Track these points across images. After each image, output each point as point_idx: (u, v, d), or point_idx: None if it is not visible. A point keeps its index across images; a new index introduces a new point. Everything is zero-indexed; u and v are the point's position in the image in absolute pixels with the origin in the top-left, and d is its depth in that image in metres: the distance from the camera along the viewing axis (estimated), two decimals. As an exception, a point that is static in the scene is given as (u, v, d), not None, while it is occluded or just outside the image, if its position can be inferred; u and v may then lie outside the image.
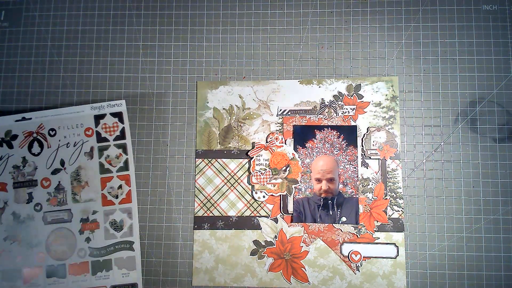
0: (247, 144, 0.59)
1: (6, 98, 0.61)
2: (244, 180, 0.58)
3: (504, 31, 0.59)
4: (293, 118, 0.59)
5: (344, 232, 0.56)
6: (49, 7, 0.63)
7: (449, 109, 0.58)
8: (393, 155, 0.57)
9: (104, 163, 0.58)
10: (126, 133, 0.59)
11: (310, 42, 0.60)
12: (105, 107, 0.59)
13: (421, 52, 0.59)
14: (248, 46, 0.61)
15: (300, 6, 0.61)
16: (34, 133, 0.58)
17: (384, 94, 0.58)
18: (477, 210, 0.56)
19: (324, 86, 0.59)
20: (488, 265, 0.55)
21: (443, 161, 0.57)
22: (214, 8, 0.62)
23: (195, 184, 0.59)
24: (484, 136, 0.57)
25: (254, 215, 0.58)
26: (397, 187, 0.57)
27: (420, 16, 0.60)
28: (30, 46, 0.62)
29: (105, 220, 0.57)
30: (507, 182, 0.56)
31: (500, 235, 0.55)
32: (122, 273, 0.56)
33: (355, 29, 0.60)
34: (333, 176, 0.57)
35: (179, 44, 0.62)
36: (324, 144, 0.58)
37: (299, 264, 0.56)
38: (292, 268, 0.56)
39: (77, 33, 0.62)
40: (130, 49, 0.62)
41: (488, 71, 0.58)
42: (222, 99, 0.60)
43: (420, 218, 0.56)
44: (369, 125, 0.58)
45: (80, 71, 0.62)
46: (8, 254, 0.56)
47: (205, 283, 0.57)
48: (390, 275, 0.55)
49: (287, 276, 0.56)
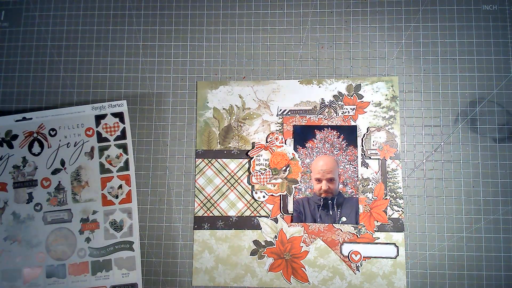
0: (247, 144, 0.59)
1: (6, 98, 0.61)
2: (244, 180, 0.58)
3: (504, 31, 0.59)
4: (293, 118, 0.59)
5: (344, 232, 0.56)
6: (49, 7, 0.63)
7: (449, 109, 0.58)
8: (393, 155, 0.57)
9: (105, 163, 0.58)
10: (127, 133, 0.59)
11: (310, 42, 0.60)
12: (106, 107, 0.59)
13: (421, 52, 0.59)
14: (248, 46, 0.61)
15: (300, 6, 0.61)
16: (34, 133, 0.58)
17: (384, 94, 0.58)
18: (477, 210, 0.56)
19: (324, 86, 0.59)
20: (488, 265, 0.55)
21: (443, 161, 0.57)
22: (214, 8, 0.62)
23: (195, 184, 0.59)
24: (484, 136, 0.57)
25: (254, 215, 0.58)
26: (397, 187, 0.57)
27: (420, 16, 0.60)
28: (30, 46, 0.62)
29: (105, 220, 0.57)
30: (507, 182, 0.56)
31: (500, 235, 0.55)
32: (122, 273, 0.56)
33: (355, 29, 0.60)
34: (333, 176, 0.57)
35: (179, 44, 0.62)
36: (324, 144, 0.58)
37: (299, 264, 0.56)
38: (292, 268, 0.56)
39: (77, 33, 0.62)
40: (130, 49, 0.62)
41: (488, 71, 0.58)
42: (222, 99, 0.60)
43: (420, 218, 0.56)
44: (369, 125, 0.58)
45: (80, 71, 0.62)
46: (8, 254, 0.56)
47: (205, 283, 0.57)
48: (390, 275, 0.55)
49: (287, 276, 0.56)
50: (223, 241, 0.57)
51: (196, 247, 0.57)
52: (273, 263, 0.57)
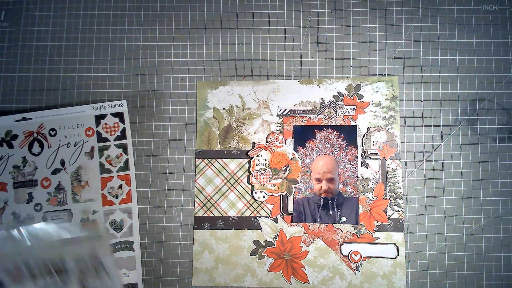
0: (247, 144, 0.59)
1: (6, 98, 0.61)
2: (244, 180, 0.58)
3: (504, 31, 0.59)
4: (293, 118, 0.59)
5: (344, 232, 0.56)
6: (49, 7, 0.63)
7: (449, 109, 0.58)
8: (393, 155, 0.57)
9: (105, 163, 0.58)
10: (127, 133, 0.59)
11: (310, 42, 0.60)
12: (106, 107, 0.59)
13: (421, 52, 0.59)
14: (248, 46, 0.61)
15: (300, 6, 0.61)
16: (34, 133, 0.58)
17: (384, 94, 0.58)
18: (477, 210, 0.56)
19: (324, 86, 0.59)
20: (488, 265, 0.55)
21: (443, 161, 0.57)
22: (214, 8, 0.62)
23: (195, 184, 0.59)
24: (484, 136, 0.57)
25: (254, 215, 0.58)
26: (397, 187, 0.57)
27: (420, 16, 0.60)
28: (30, 46, 0.62)
29: (105, 220, 0.57)
30: (507, 182, 0.56)
31: (500, 235, 0.55)
32: (122, 273, 0.56)
33: (355, 29, 0.60)
34: (333, 176, 0.57)
35: (179, 44, 0.62)
36: (324, 144, 0.58)
37: (299, 264, 0.56)
38: (292, 268, 0.56)
39: (77, 33, 0.62)
40: (130, 49, 0.62)
41: (488, 71, 0.58)
42: (222, 99, 0.60)
43: (420, 218, 0.56)
44: (369, 125, 0.58)
45: (80, 71, 0.62)
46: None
47: (205, 283, 0.57)
48: (390, 275, 0.55)
49: (287, 276, 0.56)
50: (223, 241, 0.57)
51: (196, 247, 0.57)
52: (273, 263, 0.57)
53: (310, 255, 0.56)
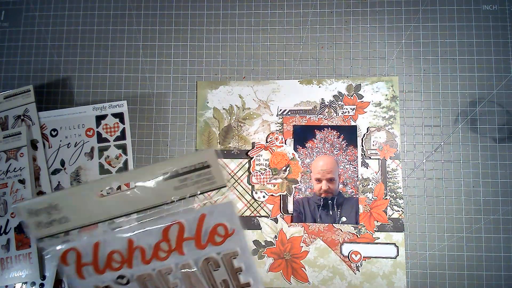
0: (247, 144, 0.59)
1: (6, 98, 0.61)
2: (244, 180, 0.58)
3: (504, 31, 0.59)
4: (293, 118, 0.59)
5: (344, 232, 0.56)
6: (49, 7, 0.63)
7: (449, 109, 0.58)
8: (393, 155, 0.57)
9: (104, 163, 0.58)
10: (127, 134, 0.59)
11: (310, 42, 0.60)
12: (107, 108, 0.59)
13: (421, 52, 0.59)
14: (248, 46, 0.61)
15: (300, 6, 0.61)
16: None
17: (384, 94, 0.58)
18: (477, 210, 0.56)
19: (324, 86, 0.59)
20: (488, 265, 0.55)
21: (443, 161, 0.57)
22: (214, 8, 0.62)
23: (195, 184, 0.59)
24: (484, 136, 0.57)
25: (254, 215, 0.58)
26: (397, 187, 0.57)
27: (420, 16, 0.60)
28: (30, 46, 0.62)
29: (105, 220, 0.57)
30: (507, 182, 0.56)
31: (500, 235, 0.55)
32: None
33: (355, 29, 0.60)
34: (333, 176, 0.57)
35: (179, 44, 0.62)
36: (324, 144, 0.58)
37: (299, 264, 0.56)
38: (292, 268, 0.56)
39: (77, 33, 0.62)
40: (130, 49, 0.62)
41: (488, 71, 0.58)
42: (222, 99, 0.60)
43: (420, 218, 0.56)
44: (369, 125, 0.58)
45: (80, 71, 0.62)
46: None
47: (205, 283, 0.57)
48: (390, 275, 0.55)
49: (287, 276, 0.56)
50: (223, 241, 0.57)
51: (196, 247, 0.57)
52: (273, 263, 0.57)
53: (310, 255, 0.56)
